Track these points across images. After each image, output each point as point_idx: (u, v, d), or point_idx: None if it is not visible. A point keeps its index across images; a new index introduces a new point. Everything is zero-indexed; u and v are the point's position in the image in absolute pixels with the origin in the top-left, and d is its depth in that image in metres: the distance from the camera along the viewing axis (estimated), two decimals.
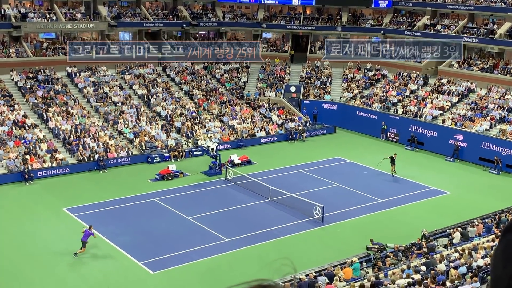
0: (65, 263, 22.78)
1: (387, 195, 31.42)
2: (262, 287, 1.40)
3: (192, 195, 31.26)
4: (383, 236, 24.98)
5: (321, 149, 41.14)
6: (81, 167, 34.84)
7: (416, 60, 48.96)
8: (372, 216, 28.51)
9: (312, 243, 25.23)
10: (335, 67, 51.93)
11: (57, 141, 37.20)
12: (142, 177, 33.88)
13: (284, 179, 33.95)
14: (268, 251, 24.11)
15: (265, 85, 50.46)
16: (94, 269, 22.31)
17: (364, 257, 22.46)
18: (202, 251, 23.97)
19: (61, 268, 22.39)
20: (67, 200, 29.74)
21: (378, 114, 44.81)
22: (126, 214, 28.15)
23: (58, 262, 22.87)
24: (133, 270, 22.37)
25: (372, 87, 49.13)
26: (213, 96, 46.98)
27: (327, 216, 27.59)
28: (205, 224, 26.85)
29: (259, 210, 29.08)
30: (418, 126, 41.88)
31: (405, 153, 40.62)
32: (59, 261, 23.01)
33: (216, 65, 52.27)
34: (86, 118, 39.50)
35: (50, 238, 24.96)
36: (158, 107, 43.28)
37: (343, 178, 34.31)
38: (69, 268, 22.42)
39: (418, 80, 47.10)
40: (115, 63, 47.05)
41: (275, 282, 1.49)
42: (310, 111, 47.94)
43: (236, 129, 42.79)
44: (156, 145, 38.37)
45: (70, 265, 22.61)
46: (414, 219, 28.12)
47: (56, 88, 42.00)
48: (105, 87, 43.88)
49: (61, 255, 23.52)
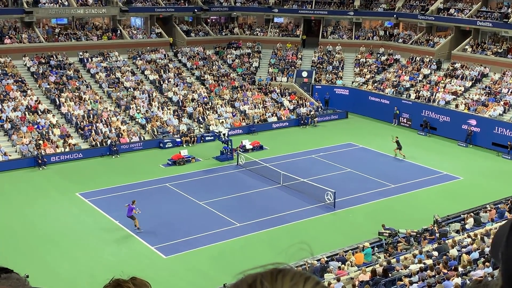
0: (78, 247, 23.00)
1: (399, 181, 31.31)
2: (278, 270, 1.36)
3: (203, 180, 31.34)
4: (395, 221, 24.94)
5: (333, 135, 41.00)
6: (93, 152, 35.02)
7: (429, 44, 48.48)
8: (384, 202, 28.45)
9: (324, 228, 25.24)
10: (347, 52, 51.56)
11: (70, 126, 37.39)
12: (154, 162, 34.01)
13: (295, 164, 33.92)
14: (279, 236, 24.17)
15: (276, 70, 50.26)
16: (107, 253, 22.50)
17: (376, 242, 22.45)
18: (214, 236, 24.07)
19: (74, 251, 22.61)
20: (80, 185, 29.95)
21: (391, 99, 44.51)
22: (138, 199, 28.27)
23: (72, 245, 23.10)
24: (146, 254, 22.54)
25: (385, 72, 48.77)
26: (224, 81, 46.89)
27: (338, 201, 27.56)
28: (217, 209, 26.94)
29: (271, 195, 29.11)
30: (431, 111, 41.57)
31: (417, 138, 40.41)
32: (72, 244, 23.23)
33: (227, 50, 52.13)
34: (98, 103, 39.63)
35: (64, 222, 25.20)
36: (170, 92, 43.30)
37: (355, 163, 34.21)
38: (82, 251, 22.63)
39: (431, 64, 46.66)
40: (126, 48, 47.08)
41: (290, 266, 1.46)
42: (322, 96, 47.73)
43: (247, 115, 42.73)
44: (168, 130, 38.44)
45: (83, 248, 22.82)
46: (426, 204, 28.01)
47: (68, 73, 42.13)
48: (117, 73, 43.93)
49: (75, 238, 23.74)
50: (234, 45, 53.08)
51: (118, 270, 12.78)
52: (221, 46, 52.61)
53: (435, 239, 21.72)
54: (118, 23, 48.07)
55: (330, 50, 52.07)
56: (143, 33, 49.63)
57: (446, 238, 21.41)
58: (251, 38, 53.93)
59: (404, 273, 17.96)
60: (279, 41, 53.18)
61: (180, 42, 51.06)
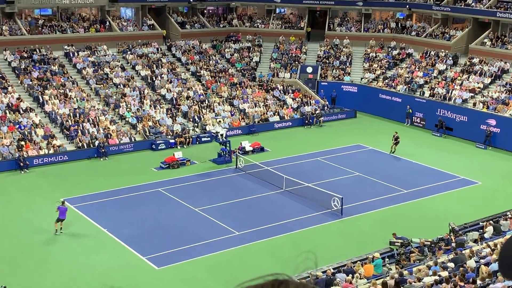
0: (64, 257, 23.01)
1: (412, 185, 31.31)
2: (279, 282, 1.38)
3: (199, 184, 31.35)
4: (408, 229, 24.92)
5: (340, 135, 41.01)
6: (80, 155, 35.05)
7: (445, 37, 48.52)
8: (396, 208, 28.45)
9: (330, 237, 25.24)
10: (356, 46, 51.61)
11: (54, 126, 37.42)
12: (145, 165, 34.03)
13: (299, 167, 33.92)
14: (282, 245, 24.17)
15: (279, 66, 50.28)
16: (95, 264, 22.50)
17: (387, 252, 22.45)
18: (210, 245, 24.08)
19: (59, 262, 22.61)
20: (66, 190, 29.95)
21: (403, 97, 44.53)
22: (129, 205, 28.32)
23: (57, 256, 23.11)
24: (137, 265, 22.55)
25: (396, 67, 48.78)
26: (222, 78, 46.92)
27: (346, 208, 27.57)
28: (214, 216, 26.95)
29: (272, 201, 29.12)
30: (446, 110, 41.58)
31: (432, 139, 40.41)
32: (57, 254, 23.24)
33: (225, 44, 52.17)
34: (85, 101, 39.66)
35: (48, 230, 25.18)
36: (163, 89, 43.35)
37: (364, 166, 34.20)
38: (67, 262, 22.63)
39: (446, 59, 46.69)
40: (116, 41, 47.14)
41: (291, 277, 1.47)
42: (328, 94, 47.75)
43: (247, 114, 42.77)
44: (160, 130, 38.48)
45: (69, 259, 22.82)
46: (442, 211, 28.01)
47: (52, 68, 42.17)
48: (106, 68, 43.98)
49: (60, 248, 23.75)
50: (233, 38, 53.10)
51: (107, 282, 12.80)
52: (219, 39, 52.64)
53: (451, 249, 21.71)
54: (107, 14, 48.13)
55: (337, 44, 52.09)
56: (134, 25, 49.70)
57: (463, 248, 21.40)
58: (251, 30, 53.98)
59: (418, 286, 17.96)
60: (282, 33, 53.20)
61: (174, 35, 51.10)
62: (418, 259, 21.59)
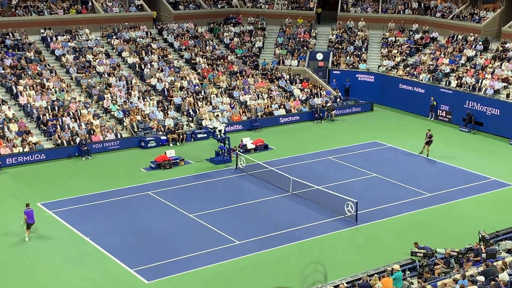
0: (42, 269, 23.04)
1: (436, 188, 31.29)
2: None
3: (195, 187, 31.36)
4: (432, 238, 24.92)
5: (354, 131, 41.00)
6: (59, 153, 35.09)
7: (474, 19, 48.45)
8: (418, 214, 28.44)
9: (343, 247, 25.25)
10: (373, 29, 51.56)
11: (30, 121, 37.48)
12: (133, 165, 34.06)
13: (308, 168, 33.93)
14: (288, 256, 24.18)
15: (285, 52, 50.26)
16: (77, 277, 22.53)
17: (408, 264, 22.46)
18: (207, 256, 24.10)
19: (37, 275, 22.64)
20: (43, 193, 29.97)
21: (426, 87, 44.50)
22: (115, 210, 28.34)
23: (34, 268, 23.12)
24: (124, 278, 22.57)
25: (419, 53, 48.74)
26: (220, 66, 46.92)
27: (361, 213, 27.57)
28: (211, 223, 26.97)
29: (278, 206, 29.13)
30: (475, 102, 41.55)
31: (459, 135, 40.42)
32: (34, 266, 23.25)
33: (224, 27, 52.14)
34: (64, 92, 39.70)
35: (23, 238, 25.21)
36: (153, 79, 43.37)
37: (382, 166, 34.20)
38: (46, 275, 22.67)
39: (476, 44, 46.63)
40: (99, 25, 47.09)
41: None
42: (341, 84, 47.73)
43: (249, 107, 42.79)
44: (150, 126, 38.51)
45: (48, 272, 22.86)
46: (470, 217, 27.99)
47: (27, 55, 42.21)
48: (88, 55, 44.00)
49: (37, 259, 23.78)
50: (233, 20, 53.08)
51: None
52: (217, 22, 52.62)
53: (481, 261, 21.71)
54: None
55: (351, 27, 52.03)
56: (120, 5, 49.70)
57: (495, 259, 21.41)
58: (253, 11, 53.97)
59: None
60: (288, 15, 53.15)
61: (165, 17, 51.10)
62: (443, 271, 21.60)
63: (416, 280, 21.32)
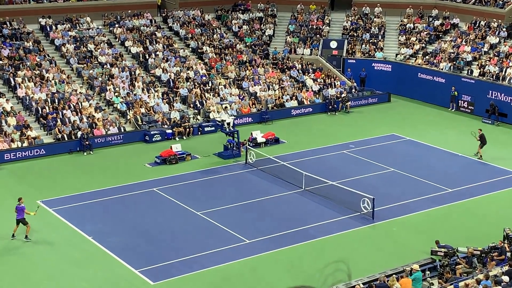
0: (42, 270, 23.14)
1: (458, 183, 31.21)
2: None
3: (202, 183, 31.39)
4: (453, 236, 24.88)
5: (370, 123, 40.91)
6: (59, 148, 35.18)
7: (498, 4, 48.16)
8: (439, 211, 28.37)
9: (359, 246, 25.22)
10: (390, 15, 51.34)
11: (29, 114, 37.60)
12: (138, 161, 34.11)
13: (322, 162, 33.89)
14: (301, 256, 24.19)
15: (297, 40, 50.15)
16: (79, 278, 22.62)
17: (428, 264, 22.42)
18: (215, 256, 24.13)
19: (36, 276, 22.75)
20: (43, 190, 30.09)
21: (447, 77, 44.33)
22: (118, 208, 28.42)
23: (33, 268, 23.24)
24: (128, 280, 22.64)
25: (439, 41, 48.52)
26: (229, 55, 46.88)
27: (378, 210, 27.51)
28: (220, 221, 26.99)
29: (290, 203, 29.12)
30: (499, 92, 41.38)
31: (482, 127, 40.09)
32: (34, 266, 23.37)
33: (232, 14, 52.08)
34: (65, 84, 39.79)
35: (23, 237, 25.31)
36: (158, 69, 43.39)
37: (400, 161, 34.13)
38: (46, 276, 22.77)
39: (500, 31, 46.37)
40: (101, 12, 47.13)
41: None
42: (356, 74, 47.60)
43: (259, 98, 42.74)
44: (155, 119, 38.54)
45: (48, 272, 22.96)
46: (494, 214, 27.90)
47: (26, 45, 42.31)
48: (90, 44, 44.06)
49: (37, 259, 23.88)
50: (241, 7, 53.01)
51: None
52: (224, 9, 52.57)
53: (506, 260, 21.63)
54: None
55: (367, 13, 51.84)
56: None
57: None
58: None
59: None
60: (300, 1, 53.02)
61: (170, 4, 51.09)
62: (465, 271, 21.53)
63: (437, 280, 21.28)
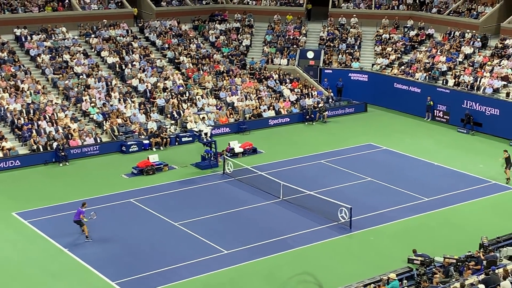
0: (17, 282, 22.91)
1: (434, 192, 31.36)
2: None
3: (180, 194, 31.29)
4: (430, 245, 24.99)
5: (347, 133, 41.05)
6: (35, 159, 34.93)
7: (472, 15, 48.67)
8: (415, 220, 28.48)
9: (337, 255, 25.26)
10: (366, 26, 51.65)
11: (3, 125, 37.30)
12: (114, 171, 33.96)
13: (299, 172, 33.94)
14: (280, 266, 24.15)
15: (274, 50, 50.28)
16: None
17: (405, 273, 22.50)
18: (194, 267, 24.04)
19: None
20: (18, 201, 29.82)
21: (422, 87, 44.62)
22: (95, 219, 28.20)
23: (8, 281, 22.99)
24: None
25: (414, 51, 48.88)
26: (206, 65, 46.88)
27: (356, 220, 27.59)
28: (198, 231, 26.91)
29: (268, 213, 29.10)
30: (474, 102, 41.69)
31: (457, 136, 40.58)
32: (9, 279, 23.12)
33: (209, 24, 52.12)
34: (40, 95, 39.55)
35: None
36: (135, 79, 43.27)
37: (377, 170, 34.25)
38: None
39: (474, 41, 46.83)
40: (77, 23, 46.92)
41: None
42: (333, 84, 47.76)
43: (236, 108, 42.77)
44: (132, 129, 38.41)
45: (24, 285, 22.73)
46: (470, 223, 28.07)
47: (1, 56, 42.02)
48: (65, 54, 43.85)
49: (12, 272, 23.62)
50: (218, 17, 53.07)
51: None
52: (201, 19, 52.59)
53: (482, 269, 21.77)
54: None
55: (343, 24, 52.13)
56: (99, 2, 49.58)
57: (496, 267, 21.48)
58: (240, 8, 53.97)
59: None
60: (277, 11, 53.20)
61: (147, 14, 51.00)
62: (442, 281, 21.63)
63: None
